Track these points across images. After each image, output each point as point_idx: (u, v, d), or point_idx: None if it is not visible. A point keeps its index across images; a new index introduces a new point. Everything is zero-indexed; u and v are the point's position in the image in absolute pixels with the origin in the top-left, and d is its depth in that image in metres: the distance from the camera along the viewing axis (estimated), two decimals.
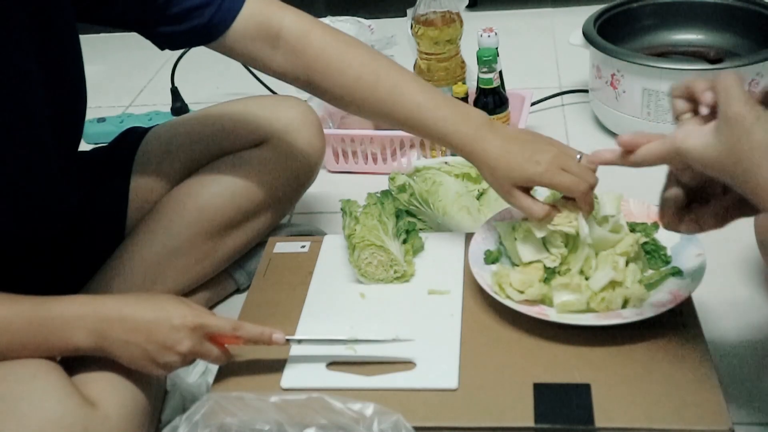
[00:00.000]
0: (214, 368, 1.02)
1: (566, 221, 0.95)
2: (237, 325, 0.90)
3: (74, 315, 0.89)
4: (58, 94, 1.03)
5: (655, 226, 1.03)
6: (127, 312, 0.89)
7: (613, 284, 0.93)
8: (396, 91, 1.01)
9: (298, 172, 1.24)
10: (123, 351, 0.89)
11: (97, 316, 0.89)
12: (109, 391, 0.93)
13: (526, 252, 0.98)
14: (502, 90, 1.51)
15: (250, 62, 1.07)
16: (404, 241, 1.07)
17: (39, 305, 0.89)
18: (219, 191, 1.20)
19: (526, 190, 0.96)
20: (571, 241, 0.96)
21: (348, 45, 1.04)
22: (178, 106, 1.85)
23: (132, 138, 1.26)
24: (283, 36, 1.03)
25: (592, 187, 0.93)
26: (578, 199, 0.93)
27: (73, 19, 1.03)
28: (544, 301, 0.95)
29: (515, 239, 1.00)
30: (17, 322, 0.88)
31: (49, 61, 0.99)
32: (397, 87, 1.01)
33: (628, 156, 0.78)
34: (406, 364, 0.91)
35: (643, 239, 0.99)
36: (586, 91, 1.71)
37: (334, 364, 0.92)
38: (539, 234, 0.96)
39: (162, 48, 1.07)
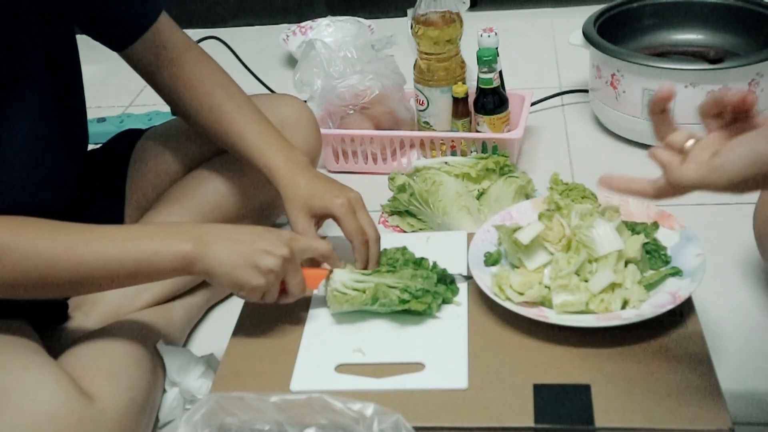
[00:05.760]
0: (215, 368, 1.02)
1: (556, 237, 0.97)
2: (330, 251, 0.97)
3: (177, 226, 0.97)
4: (62, 92, 1.05)
5: (655, 225, 1.03)
6: (228, 226, 0.96)
7: (612, 285, 0.93)
8: (232, 117, 1.12)
9: None
10: (225, 255, 0.91)
11: (200, 227, 0.96)
12: (106, 386, 0.93)
13: (531, 261, 0.98)
14: (502, 90, 1.51)
15: (129, 57, 1.14)
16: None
17: (144, 226, 0.97)
18: (215, 189, 1.21)
19: (317, 224, 1.05)
20: (572, 244, 0.97)
21: (213, 71, 1.15)
22: None
23: (128, 138, 1.27)
24: (168, 47, 1.13)
25: (367, 242, 1.01)
26: (354, 246, 1.01)
27: (69, 16, 1.04)
28: (544, 302, 0.95)
29: (517, 247, 1.00)
30: (129, 240, 0.91)
31: (53, 60, 1.01)
32: (234, 114, 1.12)
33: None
34: (415, 365, 0.91)
35: (644, 239, 0.99)
36: (586, 91, 1.71)
37: (343, 366, 0.92)
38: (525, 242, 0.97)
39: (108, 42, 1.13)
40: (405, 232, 1.28)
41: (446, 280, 1.00)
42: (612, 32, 1.61)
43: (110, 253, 0.89)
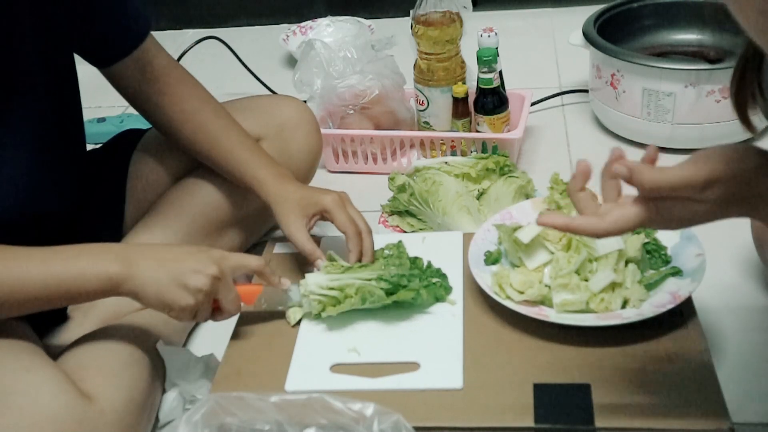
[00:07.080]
0: (215, 368, 1.02)
1: (556, 237, 0.97)
2: (263, 266, 0.98)
3: (103, 247, 0.95)
4: (59, 97, 1.05)
5: None
6: (156, 246, 0.98)
7: (612, 285, 0.93)
8: (219, 133, 1.14)
9: (295, 170, 1.25)
10: (152, 275, 0.90)
11: (127, 247, 0.99)
12: (106, 386, 0.93)
13: (531, 260, 0.98)
14: (502, 90, 1.51)
15: (113, 74, 1.14)
16: None
17: (70, 246, 0.93)
18: (216, 189, 1.21)
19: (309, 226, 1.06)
20: (572, 243, 0.97)
21: (197, 89, 1.17)
22: None
23: (128, 138, 1.27)
24: (154, 65, 1.14)
25: (359, 233, 1.03)
26: (348, 237, 1.03)
27: (67, 21, 1.04)
28: (544, 301, 0.95)
29: (518, 246, 1.00)
30: (53, 261, 0.90)
31: (51, 66, 1.02)
32: (221, 131, 1.14)
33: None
34: (410, 365, 0.91)
35: (644, 239, 0.99)
36: (586, 91, 1.71)
37: (338, 366, 0.92)
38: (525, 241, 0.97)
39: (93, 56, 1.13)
40: (405, 232, 1.28)
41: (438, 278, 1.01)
42: (612, 32, 1.61)
43: (33, 275, 0.89)
